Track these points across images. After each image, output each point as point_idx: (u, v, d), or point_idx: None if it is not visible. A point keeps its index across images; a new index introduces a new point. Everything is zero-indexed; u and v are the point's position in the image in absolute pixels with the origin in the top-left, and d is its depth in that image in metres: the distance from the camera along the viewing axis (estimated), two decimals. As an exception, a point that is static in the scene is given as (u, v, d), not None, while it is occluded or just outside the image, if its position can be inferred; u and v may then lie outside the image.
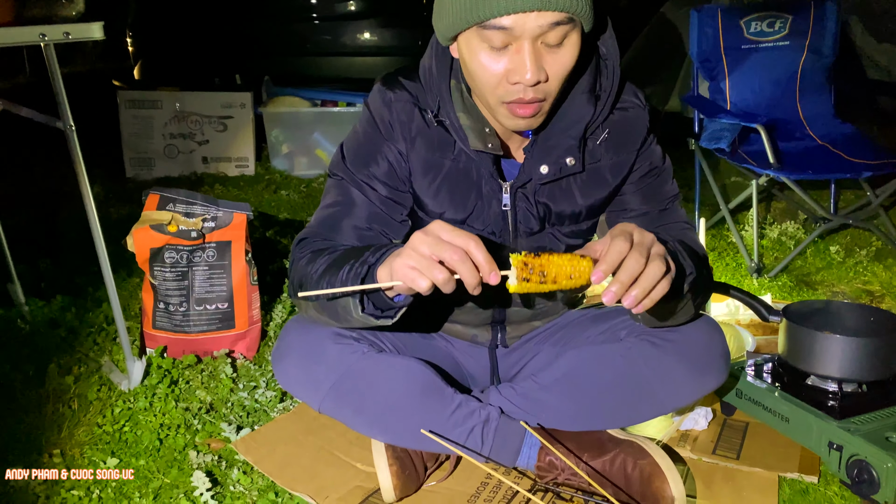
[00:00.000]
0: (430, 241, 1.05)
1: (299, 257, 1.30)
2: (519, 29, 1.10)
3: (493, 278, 1.05)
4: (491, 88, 1.17)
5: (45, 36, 1.45)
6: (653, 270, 1.06)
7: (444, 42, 1.23)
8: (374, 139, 1.34)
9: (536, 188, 1.33)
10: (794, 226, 2.94)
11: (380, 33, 4.19)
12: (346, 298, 1.17)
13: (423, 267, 1.03)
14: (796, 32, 2.86)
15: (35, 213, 3.21)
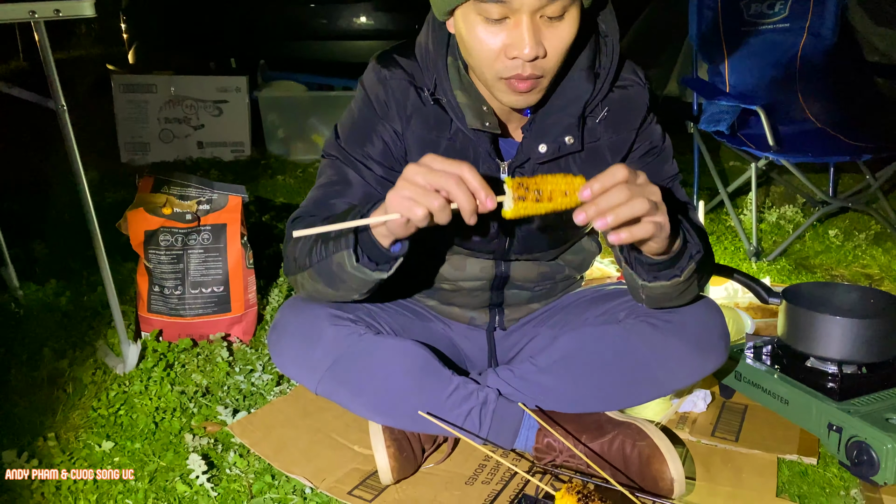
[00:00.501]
0: (424, 171, 1.04)
1: (292, 234, 1.29)
2: (518, 2, 1.08)
3: (489, 202, 1.04)
4: (488, 63, 1.15)
5: (35, 13, 1.42)
6: (637, 205, 1.03)
7: (440, 17, 1.21)
8: (369, 118, 1.32)
9: (535, 168, 1.31)
10: (792, 209, 2.93)
11: (376, 16, 4.16)
12: (341, 254, 1.16)
13: (417, 195, 1.03)
14: (796, 15, 2.84)
15: (28, 197, 3.18)
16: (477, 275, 1.46)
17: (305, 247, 1.24)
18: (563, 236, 1.43)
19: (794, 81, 2.86)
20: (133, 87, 3.83)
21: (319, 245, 1.21)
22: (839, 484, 1.37)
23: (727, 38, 2.83)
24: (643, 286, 1.25)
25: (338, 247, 1.17)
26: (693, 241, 1.20)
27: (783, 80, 2.85)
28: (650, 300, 1.32)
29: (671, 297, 1.30)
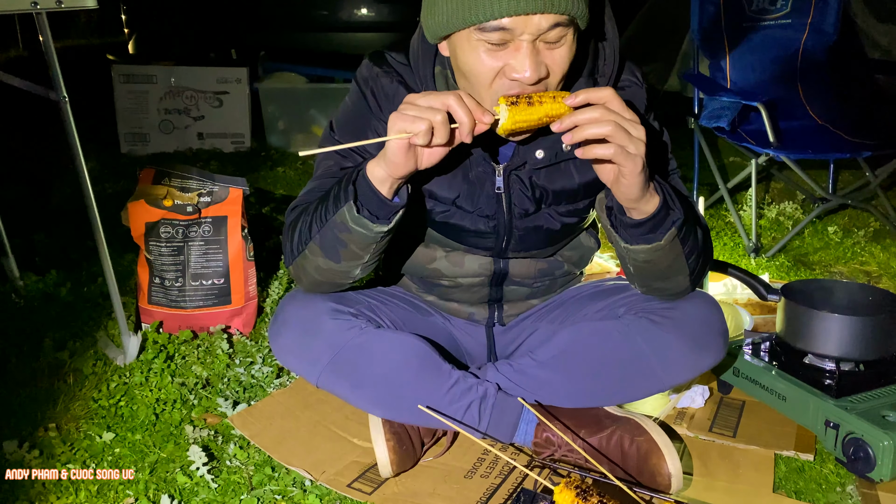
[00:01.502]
0: (423, 95, 1.09)
1: (291, 220, 1.30)
2: (520, 29, 1.09)
3: (485, 117, 1.10)
4: (486, 85, 1.15)
5: (37, 4, 1.42)
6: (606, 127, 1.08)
7: (432, 40, 1.21)
8: (362, 113, 1.33)
9: (532, 171, 1.32)
10: (792, 206, 2.94)
11: (377, 8, 4.15)
12: (342, 211, 1.18)
13: (419, 112, 1.07)
14: (798, 10, 2.84)
15: (29, 187, 3.18)
16: (476, 271, 1.46)
17: (305, 224, 1.26)
18: (560, 233, 1.43)
19: (796, 78, 2.86)
20: (133, 78, 3.82)
21: (321, 211, 1.23)
22: (835, 480, 1.38)
23: (729, 34, 2.83)
24: (626, 250, 1.26)
25: (338, 204, 1.19)
26: (676, 207, 1.21)
27: (784, 76, 2.85)
28: (638, 272, 1.32)
29: (658, 270, 1.29)
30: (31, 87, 1.54)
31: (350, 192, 1.17)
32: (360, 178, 1.17)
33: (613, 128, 1.07)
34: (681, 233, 1.22)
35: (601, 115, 1.08)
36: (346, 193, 1.18)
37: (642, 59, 4.73)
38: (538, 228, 1.38)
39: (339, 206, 1.19)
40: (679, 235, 1.22)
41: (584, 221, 1.47)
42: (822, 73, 2.89)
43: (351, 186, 1.18)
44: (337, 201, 1.19)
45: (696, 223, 1.30)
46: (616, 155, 1.10)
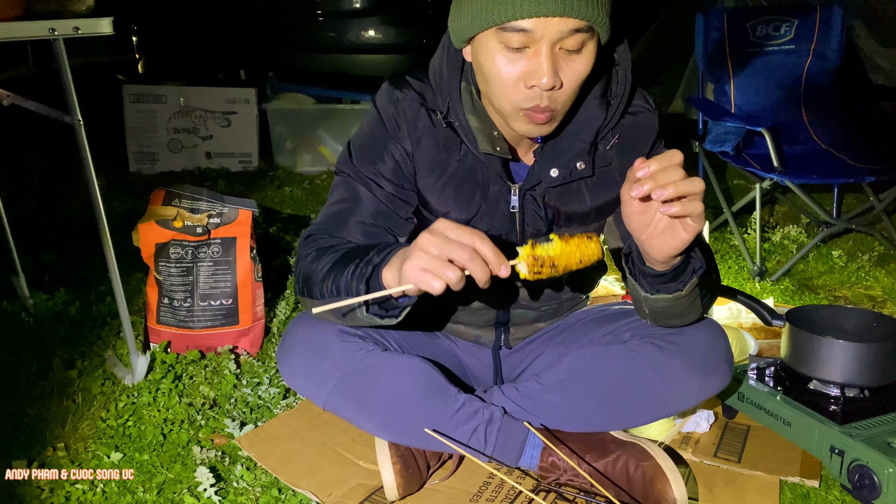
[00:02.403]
0: (438, 242, 1.04)
1: (305, 254, 1.31)
2: (539, 32, 1.10)
3: (503, 271, 1.05)
4: (506, 93, 1.17)
5: (55, 31, 1.45)
6: (697, 183, 1.03)
7: (458, 44, 1.23)
8: (380, 137, 1.35)
9: (546, 191, 1.34)
10: (796, 229, 2.95)
11: (385, 30, 4.19)
12: (352, 300, 1.17)
13: (434, 268, 1.03)
14: (802, 37, 2.87)
15: (37, 205, 3.21)
16: (482, 295, 1.48)
17: (317, 280, 1.25)
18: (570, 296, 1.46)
19: (799, 102, 2.89)
20: (143, 98, 3.87)
21: (330, 283, 1.22)
22: (841, 507, 1.38)
23: (733, 59, 2.86)
24: (646, 298, 1.26)
25: (349, 293, 1.17)
26: (697, 257, 1.21)
27: (788, 100, 2.88)
28: (653, 315, 1.33)
29: (674, 314, 1.30)
30: (47, 111, 1.57)
31: (362, 291, 1.15)
32: (374, 280, 1.14)
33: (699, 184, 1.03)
34: (701, 281, 1.22)
35: (684, 173, 1.03)
36: (359, 291, 1.15)
37: (647, 81, 4.77)
38: None
39: (350, 295, 1.17)
40: (699, 284, 1.22)
41: None
42: (825, 98, 2.92)
43: (363, 286, 1.15)
44: (348, 290, 1.17)
45: (712, 264, 1.31)
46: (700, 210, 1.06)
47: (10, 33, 1.43)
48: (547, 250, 1.08)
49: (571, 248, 1.09)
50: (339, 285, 1.19)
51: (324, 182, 3.78)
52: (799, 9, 2.93)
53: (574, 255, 1.09)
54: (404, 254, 1.09)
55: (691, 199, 1.04)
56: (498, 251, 1.05)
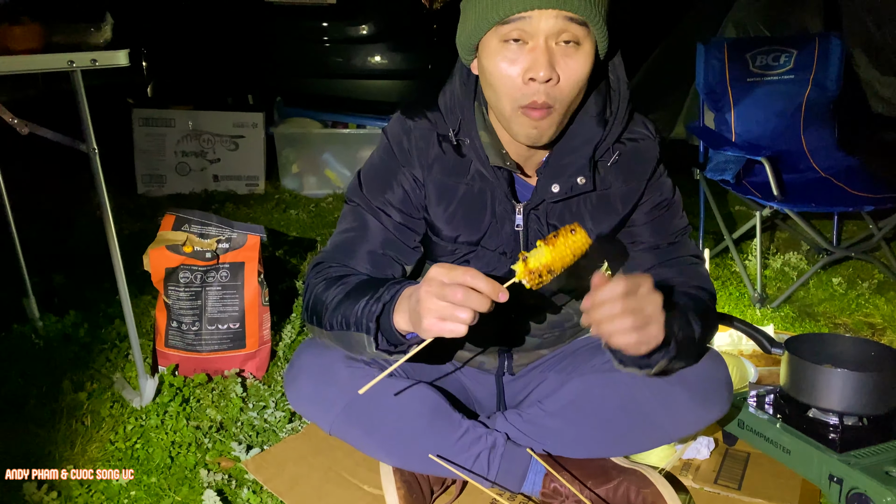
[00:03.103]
0: (437, 290, 1.08)
1: (314, 283, 1.34)
2: (535, 24, 1.16)
3: (501, 297, 1.09)
4: (507, 91, 1.22)
5: (74, 63, 1.50)
6: (626, 321, 1.13)
7: (466, 58, 1.29)
8: (390, 166, 1.38)
9: (548, 209, 1.37)
10: (796, 256, 2.97)
11: (390, 56, 4.25)
12: (360, 334, 1.21)
13: (447, 315, 1.07)
14: (801, 67, 2.91)
15: (47, 226, 3.25)
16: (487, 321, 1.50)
17: (326, 311, 1.29)
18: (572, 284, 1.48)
19: (799, 131, 2.93)
20: (152, 121, 3.92)
21: (339, 316, 1.26)
22: (839, 535, 1.39)
23: (733, 88, 2.90)
24: (618, 367, 1.31)
25: (358, 328, 1.22)
26: (674, 342, 1.24)
27: (788, 129, 2.92)
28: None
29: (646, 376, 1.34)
30: (63, 139, 1.61)
31: (372, 328, 1.19)
32: (384, 317, 1.18)
33: (630, 320, 1.13)
34: (673, 361, 1.28)
35: (620, 309, 1.13)
36: (368, 328, 1.20)
37: (649, 107, 4.83)
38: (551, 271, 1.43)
39: (360, 331, 1.21)
40: (670, 364, 1.28)
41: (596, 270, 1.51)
42: (824, 127, 2.96)
43: (373, 323, 1.19)
44: (358, 325, 1.22)
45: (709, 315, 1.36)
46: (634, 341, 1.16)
47: (30, 65, 1.48)
48: (539, 259, 1.13)
49: (560, 248, 1.13)
50: (348, 319, 1.23)
51: (329, 205, 3.82)
52: (798, 39, 2.98)
53: (566, 254, 1.14)
54: (411, 294, 1.13)
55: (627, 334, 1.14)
56: (491, 281, 1.09)
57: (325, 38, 4.22)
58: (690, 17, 4.79)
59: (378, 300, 1.20)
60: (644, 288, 1.15)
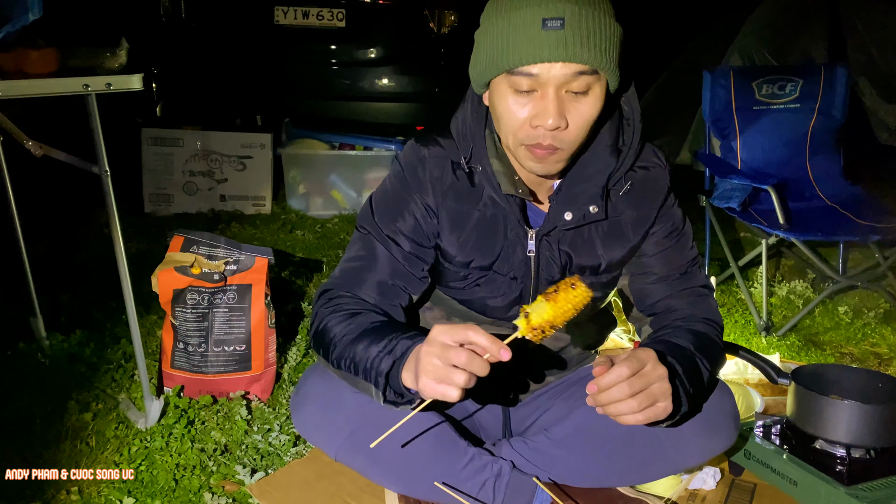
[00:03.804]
0: (437, 352, 1.09)
1: (324, 314, 1.34)
2: (545, 76, 1.17)
3: (504, 355, 1.09)
4: (513, 131, 1.23)
5: (89, 86, 1.52)
6: (632, 403, 1.15)
7: (478, 90, 1.31)
8: (402, 194, 1.39)
9: (560, 235, 1.38)
10: (802, 284, 2.97)
11: (398, 79, 4.29)
12: (370, 388, 1.23)
13: (444, 378, 1.08)
14: (807, 95, 2.93)
15: (54, 244, 3.27)
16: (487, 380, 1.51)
17: (333, 348, 1.30)
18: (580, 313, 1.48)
19: (805, 159, 2.94)
20: (161, 141, 3.95)
21: (348, 362, 1.27)
22: (847, 570, 1.38)
23: (739, 116, 2.92)
24: None
25: (367, 377, 1.23)
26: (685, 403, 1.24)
27: (794, 157, 2.93)
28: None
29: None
30: (75, 162, 1.63)
31: (381, 383, 1.20)
32: (393, 375, 1.19)
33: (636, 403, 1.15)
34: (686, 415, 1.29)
35: (627, 392, 1.15)
36: (377, 382, 1.21)
37: (655, 132, 4.86)
38: None
39: (368, 381, 1.23)
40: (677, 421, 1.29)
41: (605, 298, 1.52)
42: (830, 156, 2.97)
43: (383, 378, 1.20)
44: (367, 375, 1.23)
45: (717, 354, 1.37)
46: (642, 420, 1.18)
47: (46, 89, 1.50)
48: (541, 315, 1.14)
49: (561, 303, 1.14)
50: (357, 365, 1.25)
51: (335, 226, 3.83)
52: (804, 69, 3.01)
53: (567, 308, 1.14)
54: (418, 354, 1.14)
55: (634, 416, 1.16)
56: (492, 338, 1.09)
57: (333, 61, 4.26)
58: (695, 43, 4.84)
59: (390, 354, 1.20)
60: (648, 365, 1.16)
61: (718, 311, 1.47)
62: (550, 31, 1.14)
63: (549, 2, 1.15)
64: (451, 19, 4.22)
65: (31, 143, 1.61)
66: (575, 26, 1.14)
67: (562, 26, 1.14)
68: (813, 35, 4.23)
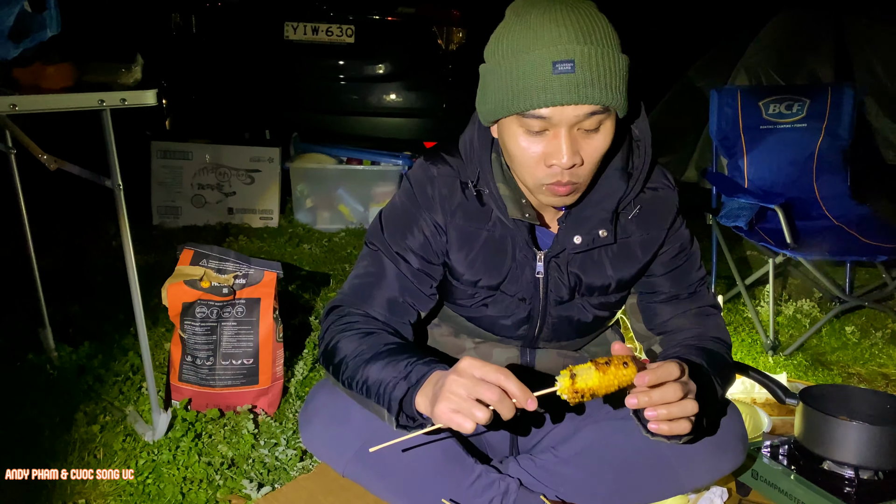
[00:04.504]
0: (466, 383, 1.09)
1: (335, 332, 1.34)
2: (557, 118, 1.17)
3: (530, 405, 1.10)
4: (529, 170, 1.24)
5: (104, 102, 1.54)
6: (688, 405, 1.13)
7: (485, 123, 1.31)
8: (412, 212, 1.40)
9: (569, 258, 1.38)
10: (809, 303, 2.97)
11: (405, 95, 4.32)
12: (382, 412, 1.23)
13: (463, 409, 1.08)
14: (814, 115, 2.95)
15: (63, 256, 3.28)
16: (502, 364, 1.51)
17: (345, 368, 1.30)
18: (590, 325, 1.49)
19: (812, 179, 2.95)
20: (170, 154, 3.98)
21: (361, 384, 1.26)
22: (856, 593, 1.37)
23: (746, 135, 2.93)
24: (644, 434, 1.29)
25: (379, 401, 1.22)
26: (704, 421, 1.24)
27: (801, 177, 2.94)
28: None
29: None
30: (89, 175, 1.64)
31: (395, 409, 1.20)
32: (407, 401, 1.19)
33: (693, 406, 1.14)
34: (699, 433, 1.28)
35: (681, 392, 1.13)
36: (391, 407, 1.20)
37: (661, 150, 4.87)
38: (570, 319, 1.44)
39: (381, 405, 1.23)
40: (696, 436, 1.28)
41: (613, 316, 1.53)
42: (837, 175, 2.98)
43: (397, 405, 1.19)
44: (380, 399, 1.22)
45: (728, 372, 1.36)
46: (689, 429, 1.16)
47: (62, 104, 1.52)
48: (587, 382, 1.12)
49: (609, 377, 1.12)
50: (369, 388, 1.24)
51: (342, 240, 3.85)
52: (811, 89, 3.02)
53: (612, 383, 1.13)
54: (436, 381, 1.14)
55: (680, 421, 1.14)
56: (523, 387, 1.10)
57: (342, 77, 4.29)
58: (702, 61, 4.86)
59: (405, 380, 1.20)
60: (685, 376, 1.16)
61: (726, 330, 1.47)
62: (562, 74, 1.14)
63: (558, 43, 1.14)
64: (459, 36, 4.26)
65: (46, 156, 1.62)
66: (585, 68, 1.14)
67: (573, 69, 1.14)
68: (819, 55, 4.25)
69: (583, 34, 1.15)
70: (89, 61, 1.65)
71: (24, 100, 1.48)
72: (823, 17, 4.37)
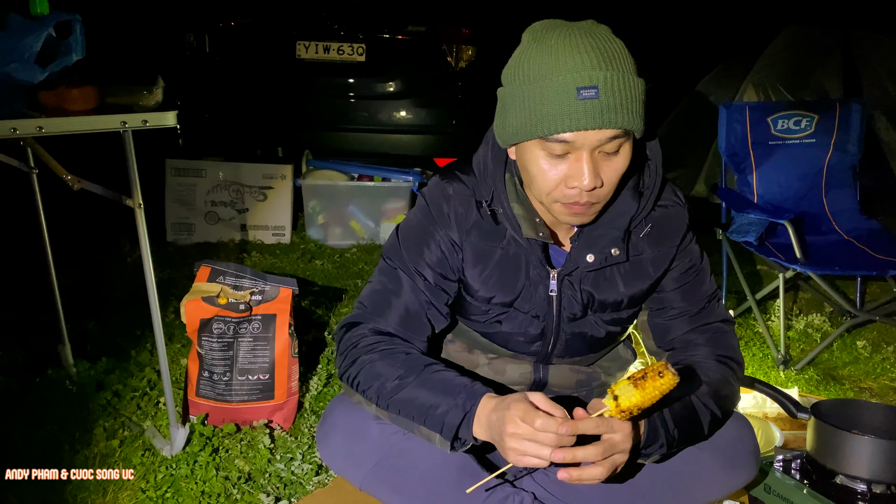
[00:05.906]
0: (527, 432, 1.16)
1: (362, 350, 1.37)
2: (579, 142, 1.20)
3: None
4: (548, 191, 1.27)
5: (126, 123, 1.58)
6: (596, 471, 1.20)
7: (504, 146, 1.33)
8: (428, 228, 1.43)
9: (582, 276, 1.41)
10: (820, 318, 2.97)
11: (416, 112, 4.36)
12: (433, 433, 1.29)
13: (531, 452, 1.16)
14: (822, 131, 2.96)
15: (80, 273, 3.32)
16: (516, 379, 1.53)
17: (384, 392, 1.33)
18: (603, 341, 1.51)
19: (821, 194, 2.96)
20: (184, 171, 4.04)
21: (405, 408, 1.31)
22: None
23: (755, 151, 2.95)
24: None
25: (431, 426, 1.28)
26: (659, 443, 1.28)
27: (810, 192, 2.96)
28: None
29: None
30: (111, 194, 1.68)
31: (450, 435, 1.27)
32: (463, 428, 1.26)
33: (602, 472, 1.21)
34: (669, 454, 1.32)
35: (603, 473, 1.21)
36: (446, 434, 1.27)
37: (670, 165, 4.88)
38: (583, 335, 1.46)
39: (433, 430, 1.28)
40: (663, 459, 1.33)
41: (625, 332, 1.55)
42: (846, 190, 2.99)
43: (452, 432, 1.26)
44: (432, 425, 1.28)
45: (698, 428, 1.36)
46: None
47: (85, 126, 1.56)
48: (630, 400, 1.17)
49: (648, 389, 1.16)
50: (415, 414, 1.29)
51: (353, 256, 3.88)
52: (819, 104, 3.04)
53: (654, 395, 1.17)
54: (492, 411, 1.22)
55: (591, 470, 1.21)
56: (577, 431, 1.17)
57: (353, 94, 4.34)
58: (710, 77, 4.88)
59: (459, 408, 1.25)
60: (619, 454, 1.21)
61: (738, 346, 1.49)
62: (586, 100, 1.16)
63: (581, 69, 1.17)
64: (468, 54, 4.30)
65: (70, 177, 1.66)
66: (609, 93, 1.17)
67: (596, 94, 1.16)
68: (828, 70, 4.27)
69: (604, 60, 1.18)
70: (111, 84, 1.70)
71: (50, 122, 1.52)
72: (831, 32, 4.39)
